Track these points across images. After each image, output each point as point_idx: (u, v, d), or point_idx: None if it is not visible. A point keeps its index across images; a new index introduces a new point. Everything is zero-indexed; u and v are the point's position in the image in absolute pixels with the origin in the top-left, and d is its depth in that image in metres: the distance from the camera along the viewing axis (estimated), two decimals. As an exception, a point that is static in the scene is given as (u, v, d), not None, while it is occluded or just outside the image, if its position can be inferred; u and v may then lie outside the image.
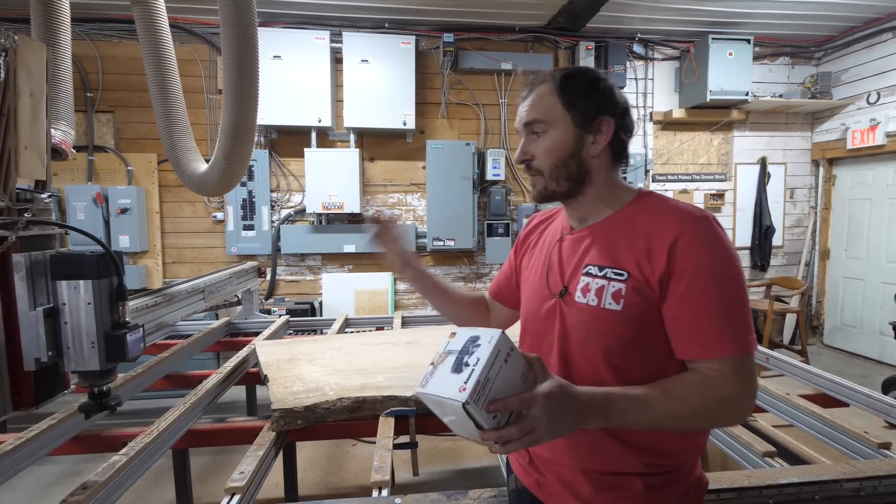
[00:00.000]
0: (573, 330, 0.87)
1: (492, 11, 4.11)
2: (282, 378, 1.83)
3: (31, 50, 1.02)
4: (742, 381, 0.77)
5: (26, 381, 1.06)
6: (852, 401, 1.86)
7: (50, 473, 2.72)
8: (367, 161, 4.53)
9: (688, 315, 0.78)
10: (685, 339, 0.79)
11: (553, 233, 1.00)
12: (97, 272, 1.07)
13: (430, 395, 0.69)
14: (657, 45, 4.73)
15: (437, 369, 0.70)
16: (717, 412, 0.77)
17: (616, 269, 0.83)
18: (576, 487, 0.87)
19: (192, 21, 4.11)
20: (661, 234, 0.80)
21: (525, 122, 0.90)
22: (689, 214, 0.81)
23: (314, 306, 4.38)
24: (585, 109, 0.86)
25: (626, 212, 0.88)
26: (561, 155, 0.87)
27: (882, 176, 4.56)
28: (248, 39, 1.96)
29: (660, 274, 0.79)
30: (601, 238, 0.88)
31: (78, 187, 3.99)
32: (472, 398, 0.63)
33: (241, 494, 1.20)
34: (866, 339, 4.73)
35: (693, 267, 0.77)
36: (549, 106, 0.87)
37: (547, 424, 0.67)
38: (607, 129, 0.87)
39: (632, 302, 0.80)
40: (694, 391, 0.76)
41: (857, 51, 4.62)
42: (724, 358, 0.76)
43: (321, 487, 2.62)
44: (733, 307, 0.77)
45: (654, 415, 0.75)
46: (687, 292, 0.78)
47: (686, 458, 0.87)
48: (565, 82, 0.87)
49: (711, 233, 0.79)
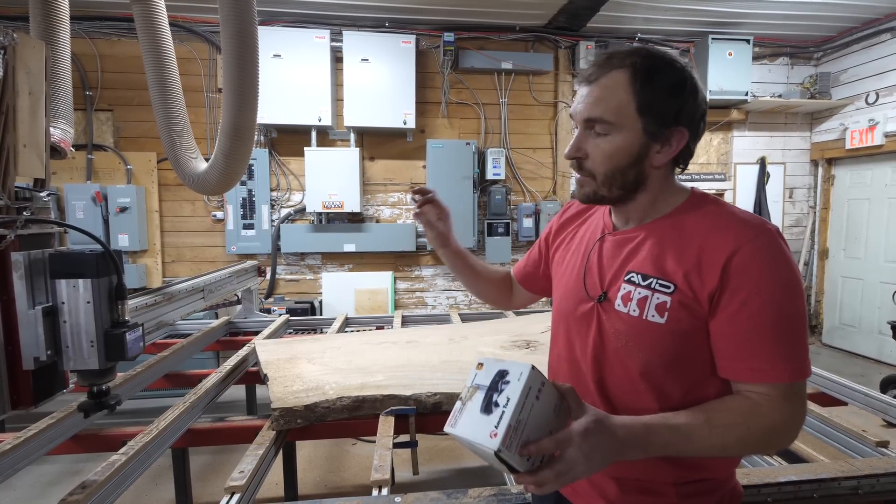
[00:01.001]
0: (610, 337, 0.81)
1: (492, 11, 4.10)
2: (282, 377, 1.82)
3: (29, 48, 1.02)
4: (792, 408, 0.71)
5: (25, 380, 1.05)
6: (851, 399, 1.86)
7: (49, 473, 2.72)
8: (367, 160, 4.52)
9: (739, 335, 0.72)
10: (733, 360, 0.73)
11: (593, 229, 0.92)
12: (96, 271, 1.07)
13: (461, 437, 0.65)
14: (657, 45, 4.73)
15: (465, 407, 0.66)
16: (764, 440, 0.72)
17: (662, 281, 0.76)
18: (605, 490, 0.84)
19: (192, 19, 4.11)
20: (716, 247, 0.73)
21: (586, 117, 0.77)
22: (750, 226, 0.73)
23: (314, 305, 4.38)
24: (662, 118, 0.75)
25: (677, 216, 0.80)
26: (620, 163, 0.77)
27: (880, 176, 4.57)
28: (249, 38, 1.95)
29: (711, 290, 0.72)
30: (648, 243, 0.80)
31: (77, 186, 3.99)
32: (504, 445, 0.60)
33: (241, 494, 1.20)
34: (865, 339, 4.73)
35: (750, 284, 0.71)
36: (621, 105, 0.75)
37: (584, 464, 0.64)
38: (678, 141, 0.77)
39: (677, 316, 0.74)
40: (741, 420, 0.71)
41: (855, 51, 4.62)
42: (775, 384, 0.71)
43: (321, 486, 2.62)
44: (791, 331, 0.71)
45: (697, 447, 0.70)
46: (740, 310, 0.71)
47: (722, 469, 0.83)
48: (648, 78, 0.74)
49: (774, 248, 0.72)
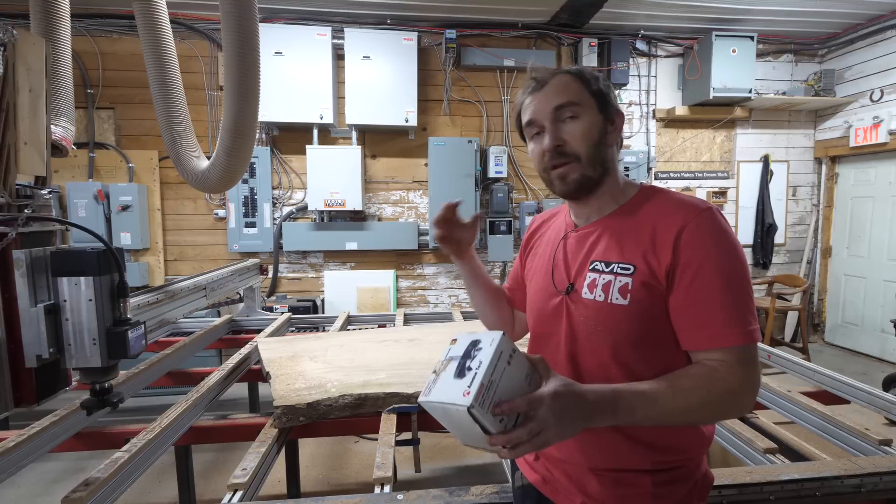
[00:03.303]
0: (580, 326, 0.86)
1: (494, 7, 4.09)
2: (284, 375, 1.83)
3: (30, 45, 1.02)
4: (747, 371, 0.76)
5: (28, 377, 1.06)
6: (853, 398, 1.86)
7: (52, 470, 2.73)
8: (369, 158, 4.52)
9: (695, 305, 0.78)
10: (693, 330, 0.79)
11: (556, 231, 0.99)
12: (98, 269, 1.07)
13: (433, 402, 0.66)
14: (661, 42, 4.70)
15: (439, 377, 0.68)
16: (724, 404, 0.77)
17: (623, 264, 0.82)
18: (583, 484, 0.87)
19: (193, 17, 4.10)
20: (665, 227, 0.80)
21: (555, 105, 0.85)
22: (692, 206, 0.81)
23: (316, 304, 4.38)
24: (605, 99, 0.87)
25: (631, 206, 0.88)
26: (595, 139, 0.85)
27: (885, 174, 4.55)
28: (250, 35, 1.95)
29: (666, 266, 0.79)
30: (607, 234, 0.87)
31: (79, 184, 3.99)
32: (476, 401, 0.61)
33: (244, 491, 1.20)
34: (867, 337, 4.72)
35: (699, 257, 0.77)
36: (578, 90, 0.85)
37: (556, 425, 0.66)
38: (619, 121, 0.88)
39: (639, 296, 0.80)
40: (701, 384, 0.76)
41: (860, 48, 4.59)
42: (730, 348, 0.76)
43: (323, 484, 2.63)
44: (739, 297, 0.77)
45: (662, 410, 0.74)
46: (693, 282, 0.77)
47: (693, 453, 0.86)
48: (579, 75, 0.87)
49: (715, 223, 0.79)
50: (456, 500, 1.14)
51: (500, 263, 4.72)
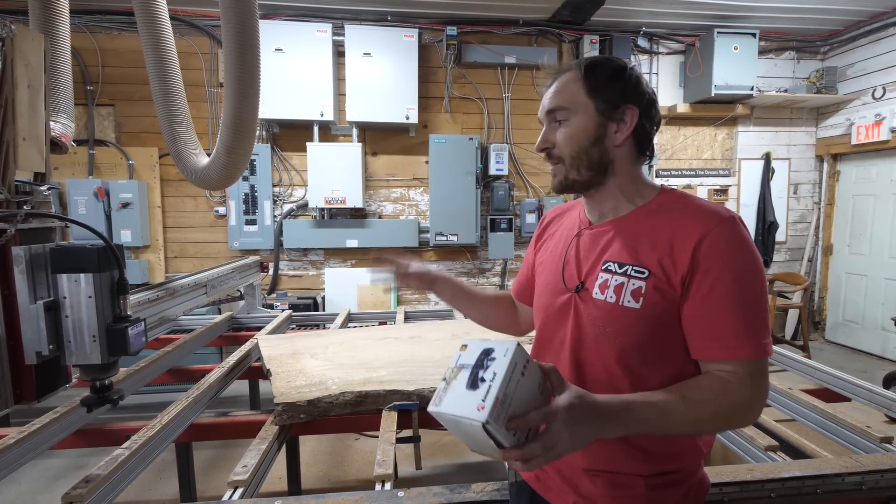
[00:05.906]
0: (588, 326, 0.85)
1: (495, 4, 4.07)
2: (285, 372, 1.83)
3: (28, 40, 1.01)
4: (758, 384, 0.76)
5: (28, 374, 1.06)
6: (854, 395, 1.86)
7: (53, 467, 2.73)
8: (369, 155, 4.51)
9: (710, 315, 0.77)
10: (706, 340, 0.78)
11: (569, 227, 0.97)
12: (98, 265, 1.06)
13: (446, 414, 0.64)
14: (662, 39, 4.69)
15: (450, 385, 0.66)
16: (734, 416, 0.76)
17: (637, 267, 0.81)
18: (576, 484, 0.86)
19: (193, 13, 4.09)
20: (686, 233, 0.79)
21: (547, 109, 0.88)
22: (715, 214, 0.79)
23: (317, 301, 4.38)
24: (609, 97, 0.84)
25: (649, 208, 0.86)
26: (581, 142, 0.85)
27: (886, 172, 4.54)
28: (250, 32, 1.94)
29: (683, 272, 0.78)
30: (622, 234, 0.86)
31: (79, 181, 3.99)
32: (491, 416, 0.60)
33: (244, 488, 1.20)
34: (868, 335, 4.71)
35: (718, 267, 0.76)
36: (573, 93, 0.86)
37: (569, 438, 0.65)
38: (631, 118, 0.85)
39: (651, 301, 0.79)
40: (712, 396, 0.75)
41: (862, 45, 4.58)
42: (743, 361, 0.75)
43: (324, 481, 2.63)
44: (755, 310, 0.76)
45: (674, 421, 0.73)
46: (710, 292, 0.76)
47: (690, 461, 0.86)
48: (590, 70, 0.86)
49: (738, 234, 0.78)
50: (457, 498, 1.14)
51: (500, 261, 4.72)
